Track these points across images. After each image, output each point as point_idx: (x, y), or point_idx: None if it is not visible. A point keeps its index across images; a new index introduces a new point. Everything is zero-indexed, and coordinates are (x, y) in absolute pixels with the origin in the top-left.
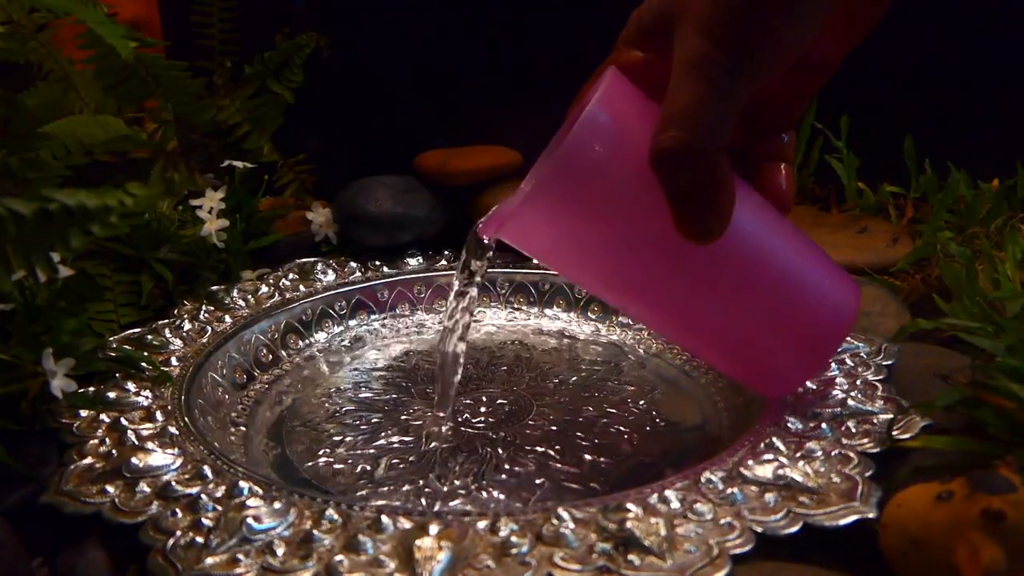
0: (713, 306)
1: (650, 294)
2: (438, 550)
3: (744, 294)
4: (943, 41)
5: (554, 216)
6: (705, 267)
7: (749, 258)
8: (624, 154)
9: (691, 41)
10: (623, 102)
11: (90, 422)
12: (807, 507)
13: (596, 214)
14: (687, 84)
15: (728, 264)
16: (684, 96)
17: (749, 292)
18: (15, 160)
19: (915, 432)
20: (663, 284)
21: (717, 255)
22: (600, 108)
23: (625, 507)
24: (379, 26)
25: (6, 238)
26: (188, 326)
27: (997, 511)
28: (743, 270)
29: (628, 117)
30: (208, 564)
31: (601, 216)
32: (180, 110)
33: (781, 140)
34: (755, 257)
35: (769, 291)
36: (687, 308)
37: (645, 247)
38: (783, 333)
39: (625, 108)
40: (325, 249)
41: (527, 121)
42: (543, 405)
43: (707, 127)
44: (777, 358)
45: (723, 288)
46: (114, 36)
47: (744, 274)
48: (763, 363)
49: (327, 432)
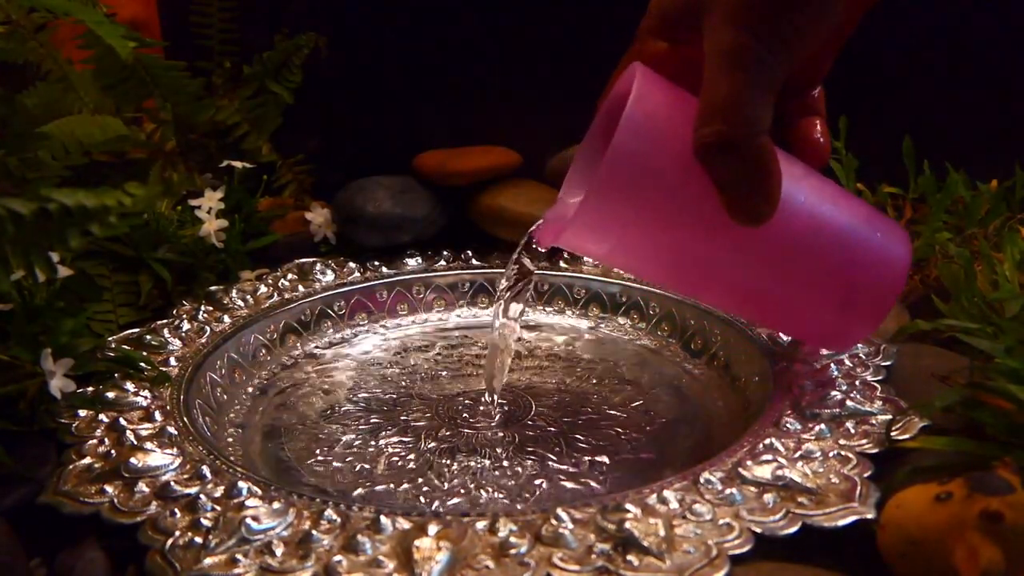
0: (773, 277)
1: (710, 276)
2: (437, 550)
3: (801, 261)
4: (942, 41)
5: (608, 219)
6: (761, 242)
7: (803, 225)
8: (668, 148)
9: (724, 31)
10: (657, 96)
11: (89, 422)
12: (806, 508)
13: (648, 211)
14: (724, 74)
15: (784, 235)
16: (723, 87)
17: (806, 258)
18: (14, 160)
19: (914, 433)
20: (721, 264)
21: (772, 228)
22: (637, 108)
23: (624, 507)
24: (378, 26)
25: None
26: (187, 326)
27: (995, 512)
28: (798, 238)
29: (665, 111)
30: (207, 564)
31: (654, 211)
32: (179, 110)
33: (812, 95)
34: (808, 224)
35: (825, 254)
36: (748, 282)
37: (700, 233)
38: (842, 293)
39: (660, 102)
40: (324, 249)
41: (526, 121)
42: (542, 405)
43: (749, 115)
44: (839, 317)
45: (781, 259)
46: (113, 36)
47: (799, 241)
48: (825, 324)
49: (325, 431)
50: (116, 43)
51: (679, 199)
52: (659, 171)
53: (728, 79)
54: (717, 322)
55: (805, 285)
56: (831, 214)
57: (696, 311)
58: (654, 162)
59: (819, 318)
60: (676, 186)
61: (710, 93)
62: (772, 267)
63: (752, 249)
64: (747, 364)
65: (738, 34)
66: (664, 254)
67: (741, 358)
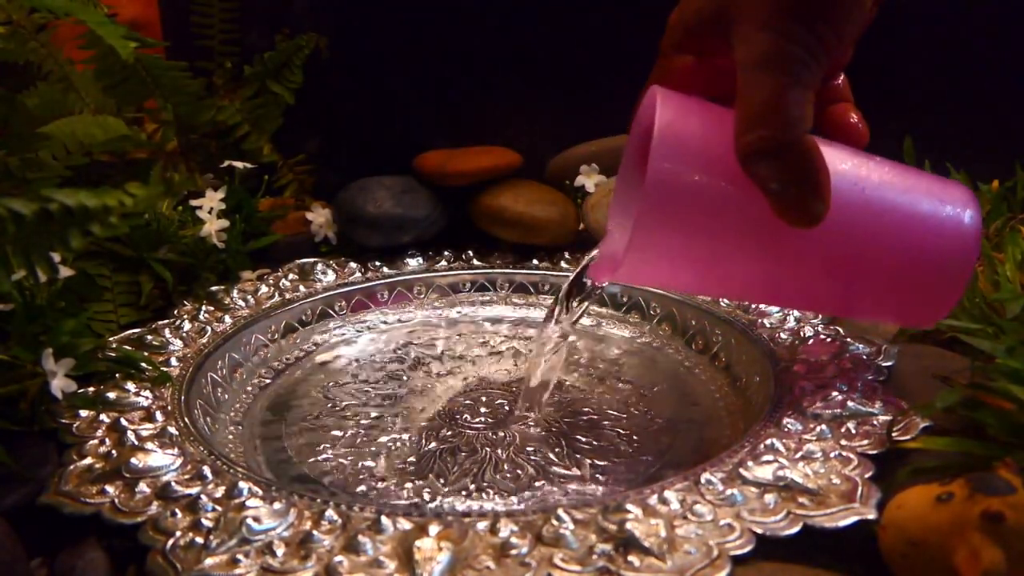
0: (842, 269)
1: (776, 281)
2: (438, 551)
3: (867, 247)
4: (943, 42)
5: (659, 249)
6: (822, 236)
7: (860, 210)
8: (705, 166)
9: (757, 37)
10: (682, 117)
11: (90, 422)
12: (807, 508)
13: (697, 232)
14: (762, 79)
15: (843, 224)
16: (762, 91)
17: (871, 243)
18: (15, 160)
19: (915, 433)
20: (785, 268)
21: (829, 220)
22: (664, 135)
23: (625, 508)
24: (379, 27)
25: (6, 238)
26: (188, 326)
27: (997, 513)
28: (858, 224)
29: (694, 129)
30: (208, 564)
31: (703, 233)
32: (180, 110)
33: (837, 84)
34: (866, 207)
35: (890, 234)
36: (817, 280)
37: (755, 242)
38: (916, 268)
39: (687, 122)
40: (324, 250)
41: (527, 122)
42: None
43: (790, 117)
44: (918, 293)
45: (845, 249)
46: (114, 37)
47: (861, 227)
48: (906, 303)
49: (327, 428)
50: (117, 43)
51: (727, 215)
52: (700, 191)
53: (766, 83)
54: (718, 322)
55: (875, 270)
56: (888, 192)
57: (697, 311)
58: (694, 184)
59: (898, 298)
60: (722, 202)
61: (749, 99)
62: (839, 260)
63: (814, 246)
64: (748, 364)
65: (773, 39)
66: (724, 271)
67: (742, 358)
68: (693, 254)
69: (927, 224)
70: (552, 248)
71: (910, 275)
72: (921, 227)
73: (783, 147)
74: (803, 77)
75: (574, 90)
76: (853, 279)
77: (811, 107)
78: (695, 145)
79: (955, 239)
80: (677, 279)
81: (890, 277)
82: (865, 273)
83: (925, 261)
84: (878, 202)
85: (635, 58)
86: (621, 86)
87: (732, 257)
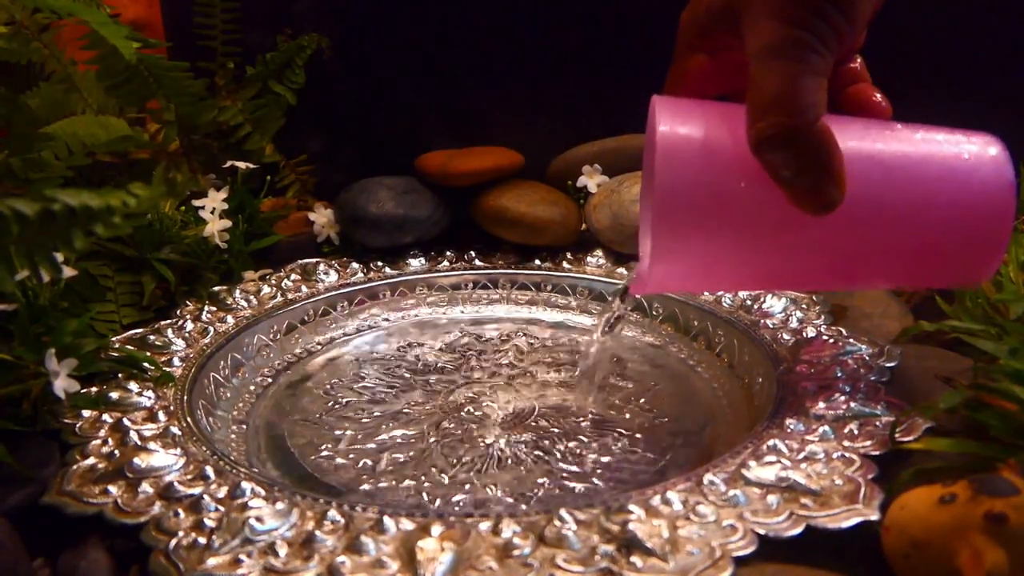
0: (874, 244)
1: (807, 269)
2: (440, 551)
3: (900, 220)
4: (944, 42)
5: (682, 256)
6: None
7: (883, 178)
8: (716, 167)
9: (767, 26)
10: (684, 122)
11: (92, 422)
12: (810, 509)
13: (716, 233)
14: (773, 68)
15: (868, 196)
16: (774, 80)
17: (901, 212)
18: (18, 160)
19: (918, 434)
20: (814, 256)
21: (853, 196)
22: (666, 143)
23: (627, 508)
24: (380, 27)
25: (9, 238)
26: (190, 327)
27: (1000, 514)
28: (884, 196)
29: (698, 134)
30: (210, 565)
31: (722, 232)
32: (182, 111)
33: (854, 67)
34: (889, 175)
35: (919, 200)
36: (849, 262)
37: (779, 235)
38: (956, 228)
39: (690, 127)
40: (327, 250)
41: (528, 122)
42: (545, 402)
43: (803, 104)
44: (963, 250)
45: (874, 224)
46: (117, 37)
47: (887, 200)
48: (949, 264)
49: (329, 426)
50: (120, 44)
51: (745, 212)
52: (712, 194)
53: (778, 71)
54: (720, 323)
55: (912, 236)
56: (913, 157)
57: (699, 312)
58: (704, 187)
59: (941, 261)
60: (737, 201)
61: (761, 87)
62: (863, 235)
63: (840, 226)
64: (751, 365)
65: (782, 26)
66: (753, 266)
67: (745, 359)
68: (718, 255)
69: (955, 176)
70: (554, 248)
71: (950, 232)
72: (950, 180)
73: (796, 134)
74: (815, 64)
75: (576, 91)
76: (890, 250)
77: (824, 94)
78: (700, 149)
79: (987, 182)
80: (708, 281)
81: (929, 240)
82: (902, 241)
83: (965, 218)
84: (899, 169)
85: (637, 59)
86: (623, 87)
87: (760, 252)
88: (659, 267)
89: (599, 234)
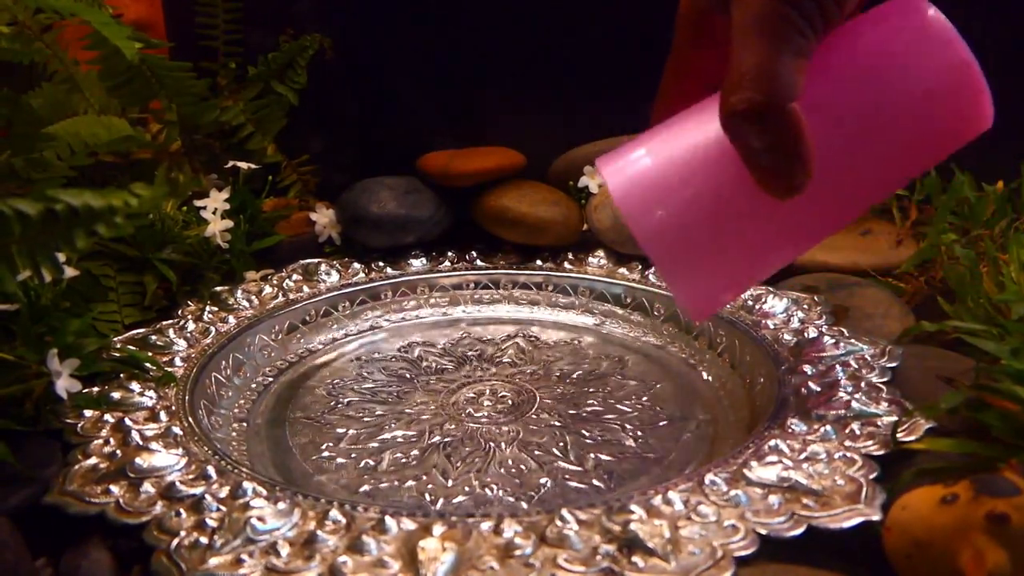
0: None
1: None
2: (442, 551)
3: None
4: None
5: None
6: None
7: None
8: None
9: (753, 1)
10: (639, 171)
11: (94, 422)
12: (811, 509)
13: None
14: (753, 41)
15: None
16: (752, 53)
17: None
18: (20, 160)
19: (919, 435)
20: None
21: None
22: (626, 206)
23: (629, 509)
24: (382, 27)
25: (11, 238)
26: (192, 327)
27: (1001, 514)
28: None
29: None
30: (212, 564)
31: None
32: (184, 111)
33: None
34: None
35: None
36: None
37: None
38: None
39: (640, 173)
40: (328, 250)
41: (530, 122)
42: (547, 399)
43: (780, 83)
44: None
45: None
46: (119, 37)
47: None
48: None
49: (331, 426)
50: (122, 44)
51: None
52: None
53: (757, 45)
54: (722, 323)
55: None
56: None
57: None
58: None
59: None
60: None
61: (738, 61)
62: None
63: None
64: (752, 365)
65: (770, 1)
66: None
67: (746, 359)
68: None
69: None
70: (556, 249)
71: (926, 106)
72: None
73: (768, 111)
74: (796, 43)
75: (578, 91)
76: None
77: (802, 77)
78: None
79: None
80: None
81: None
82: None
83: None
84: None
85: (639, 59)
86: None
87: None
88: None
89: (600, 234)
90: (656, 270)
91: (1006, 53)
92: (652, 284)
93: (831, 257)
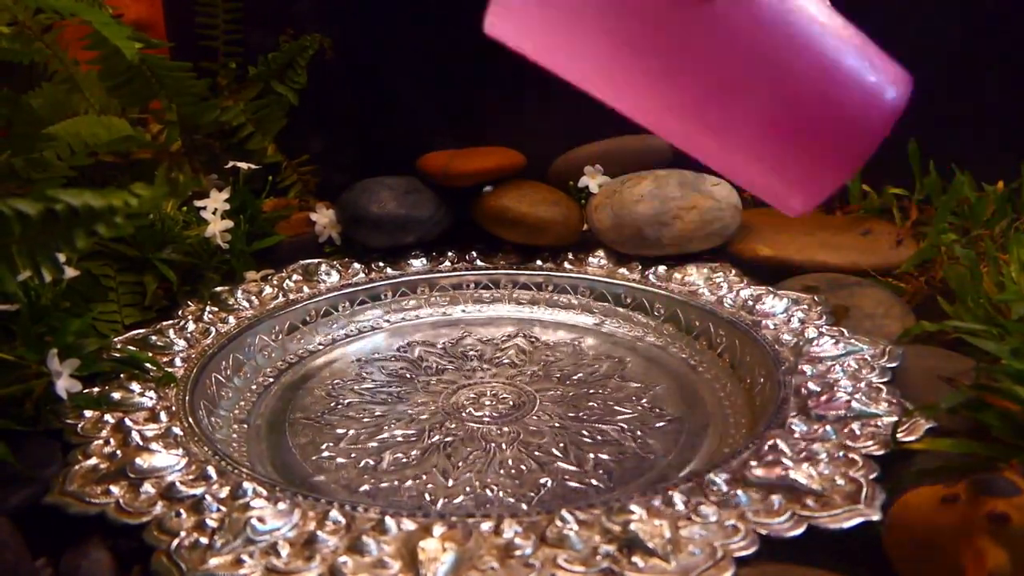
0: (716, 96)
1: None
2: (442, 551)
3: (765, 77)
4: (947, 43)
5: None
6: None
7: (778, 34)
8: None
9: None
10: None
11: (94, 423)
12: (811, 509)
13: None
14: None
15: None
16: None
17: (772, 75)
18: (20, 161)
19: (919, 435)
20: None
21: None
22: None
23: (629, 509)
24: (382, 28)
25: (11, 238)
26: (192, 327)
27: (1002, 514)
28: (768, 45)
29: None
30: (212, 565)
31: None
32: (184, 111)
33: None
34: (777, 36)
35: (796, 74)
36: (686, 101)
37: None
38: (813, 124)
39: None
40: (328, 250)
41: (530, 123)
42: (547, 400)
43: None
44: (805, 157)
45: (726, 74)
46: (119, 37)
47: (770, 49)
48: (789, 164)
49: (331, 426)
50: (122, 44)
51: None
52: None
53: None
54: (722, 323)
55: (769, 108)
56: (812, 31)
57: (701, 312)
58: None
59: (781, 155)
60: None
61: None
62: (712, 81)
63: (702, 52)
64: (753, 365)
65: None
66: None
67: (746, 359)
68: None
69: (845, 79)
70: (555, 249)
71: (807, 128)
72: (838, 78)
73: None
74: None
75: (578, 91)
76: (744, 111)
77: None
78: None
79: (870, 107)
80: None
81: (784, 124)
82: (758, 108)
83: (829, 118)
84: (802, 35)
85: None
86: None
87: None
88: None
89: (600, 234)
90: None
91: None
92: (652, 284)
93: (831, 257)
